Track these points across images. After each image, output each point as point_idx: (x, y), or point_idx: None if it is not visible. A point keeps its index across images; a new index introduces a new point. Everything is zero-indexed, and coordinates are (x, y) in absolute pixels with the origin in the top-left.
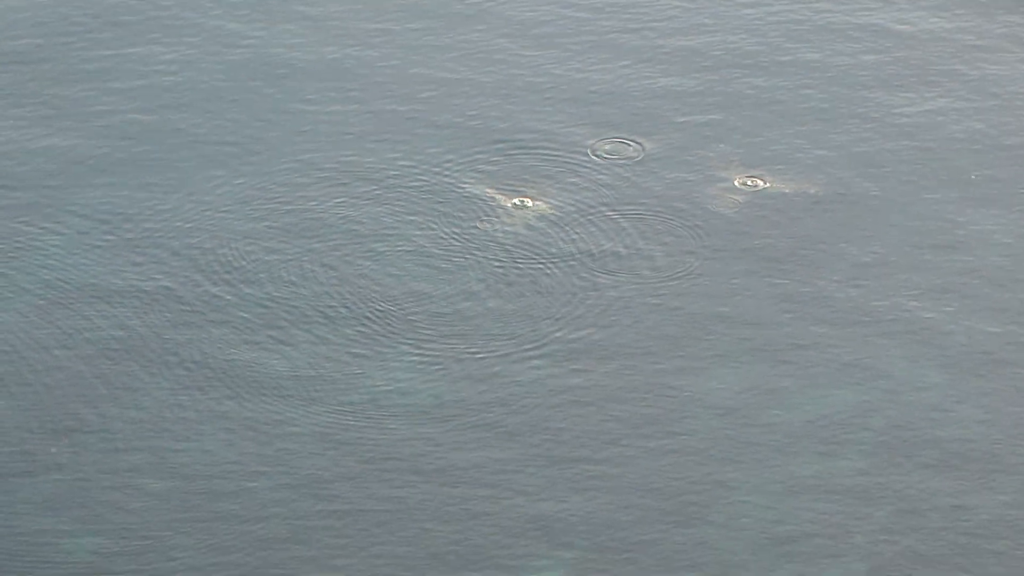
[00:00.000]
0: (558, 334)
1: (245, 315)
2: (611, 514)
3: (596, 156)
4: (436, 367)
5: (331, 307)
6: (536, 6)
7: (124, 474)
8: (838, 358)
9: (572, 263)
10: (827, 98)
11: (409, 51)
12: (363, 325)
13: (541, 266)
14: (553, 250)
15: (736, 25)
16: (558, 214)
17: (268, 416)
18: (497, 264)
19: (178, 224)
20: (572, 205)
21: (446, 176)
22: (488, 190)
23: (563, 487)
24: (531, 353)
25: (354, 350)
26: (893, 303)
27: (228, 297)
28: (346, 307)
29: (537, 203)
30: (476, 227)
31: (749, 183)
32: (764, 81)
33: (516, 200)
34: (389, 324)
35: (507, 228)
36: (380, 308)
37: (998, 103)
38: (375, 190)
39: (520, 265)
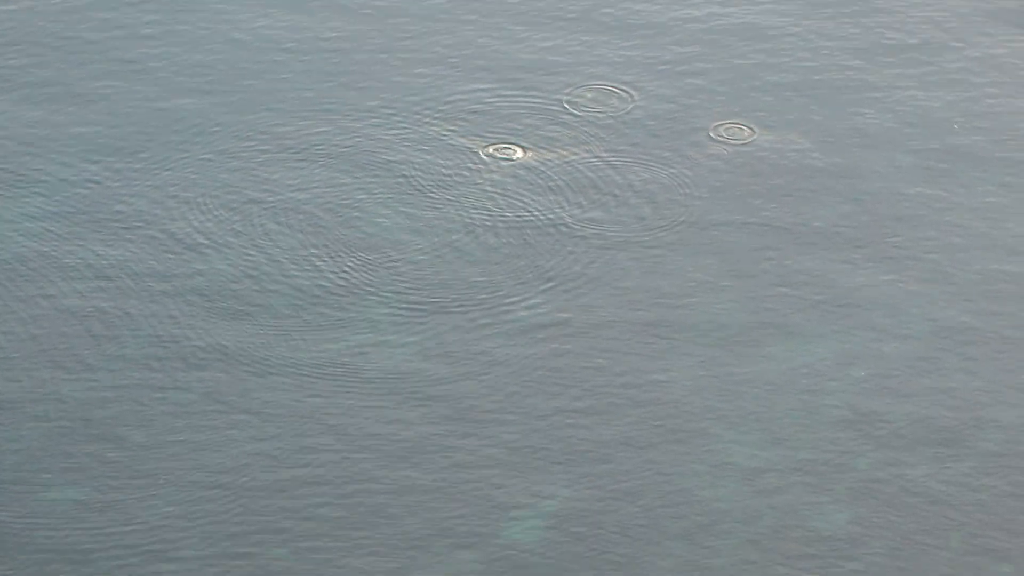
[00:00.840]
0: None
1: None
2: (593, 466)
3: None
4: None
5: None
6: None
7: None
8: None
9: (558, 217)
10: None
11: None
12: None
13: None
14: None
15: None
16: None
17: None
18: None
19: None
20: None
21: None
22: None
23: (545, 437)
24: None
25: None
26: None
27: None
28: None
29: (525, 152)
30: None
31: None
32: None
33: (493, 150)
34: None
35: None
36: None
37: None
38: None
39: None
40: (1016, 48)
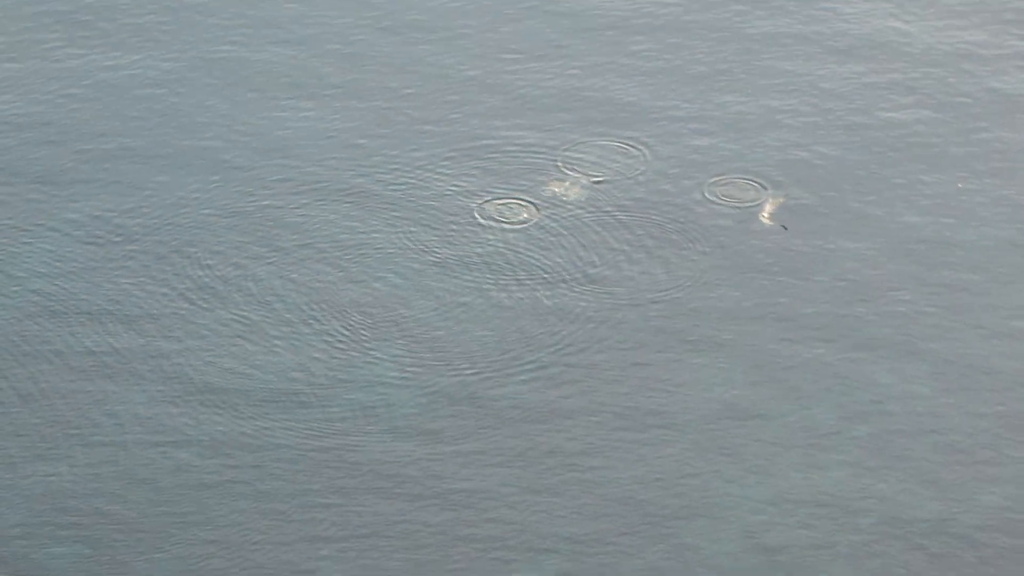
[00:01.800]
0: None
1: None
2: (595, 523)
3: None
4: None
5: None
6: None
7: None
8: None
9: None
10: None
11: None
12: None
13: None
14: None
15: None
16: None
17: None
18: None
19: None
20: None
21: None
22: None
23: (547, 494)
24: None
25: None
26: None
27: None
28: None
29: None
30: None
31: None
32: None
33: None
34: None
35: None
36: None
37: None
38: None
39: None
40: None
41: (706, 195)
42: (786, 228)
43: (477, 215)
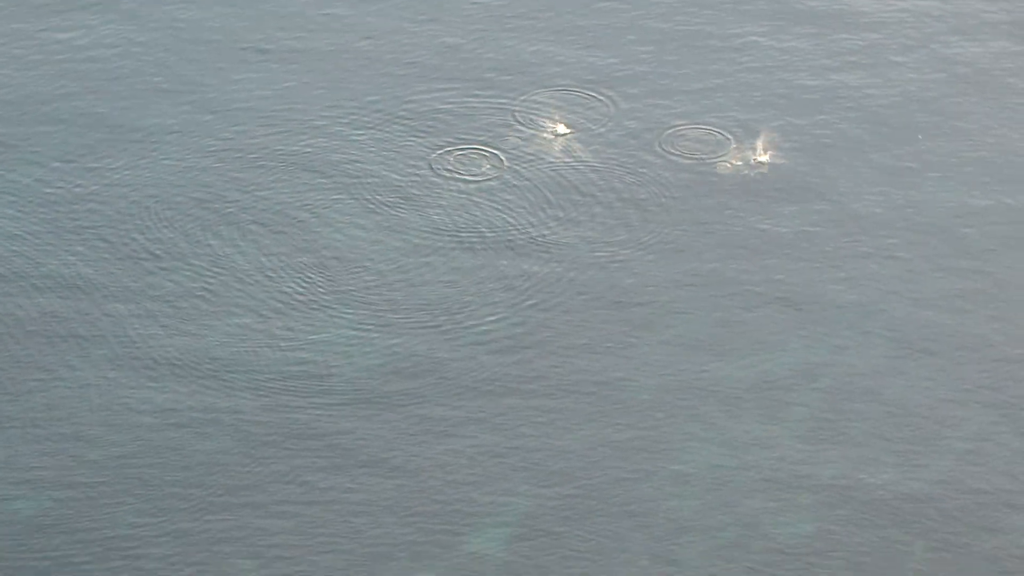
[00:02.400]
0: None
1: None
2: (549, 488)
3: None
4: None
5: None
6: None
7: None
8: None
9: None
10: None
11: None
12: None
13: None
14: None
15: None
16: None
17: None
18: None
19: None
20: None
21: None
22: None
23: (507, 446)
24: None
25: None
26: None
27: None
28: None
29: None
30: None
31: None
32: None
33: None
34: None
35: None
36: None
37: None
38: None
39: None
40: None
41: (661, 147)
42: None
43: (432, 167)
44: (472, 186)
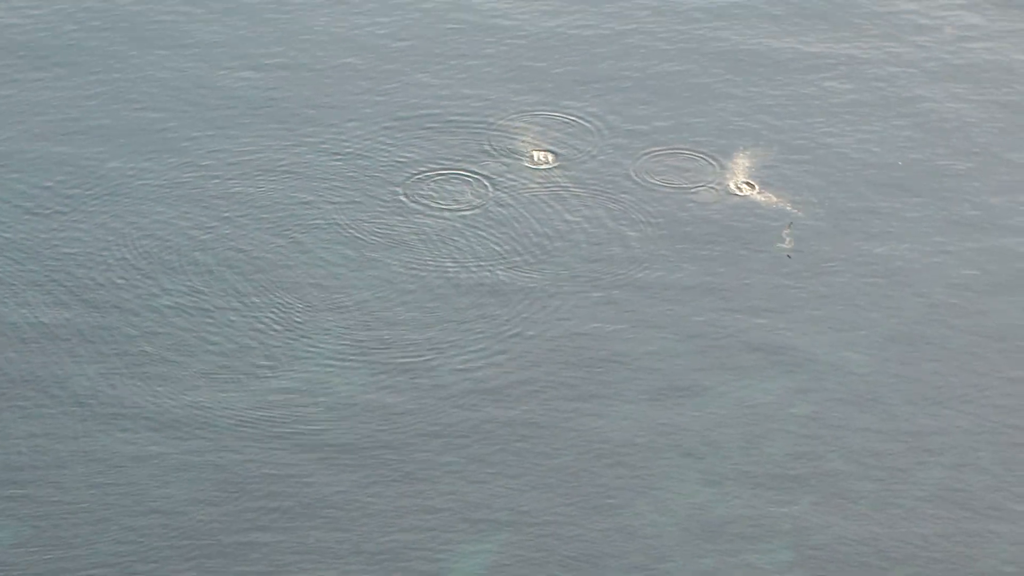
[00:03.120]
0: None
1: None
2: (538, 498)
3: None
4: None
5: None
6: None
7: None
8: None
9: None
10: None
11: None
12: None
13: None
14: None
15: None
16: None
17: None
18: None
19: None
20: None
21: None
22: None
23: (487, 476)
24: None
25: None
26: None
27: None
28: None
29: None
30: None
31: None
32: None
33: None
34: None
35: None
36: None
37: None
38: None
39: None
40: None
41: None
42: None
43: (404, 197)
44: (451, 216)
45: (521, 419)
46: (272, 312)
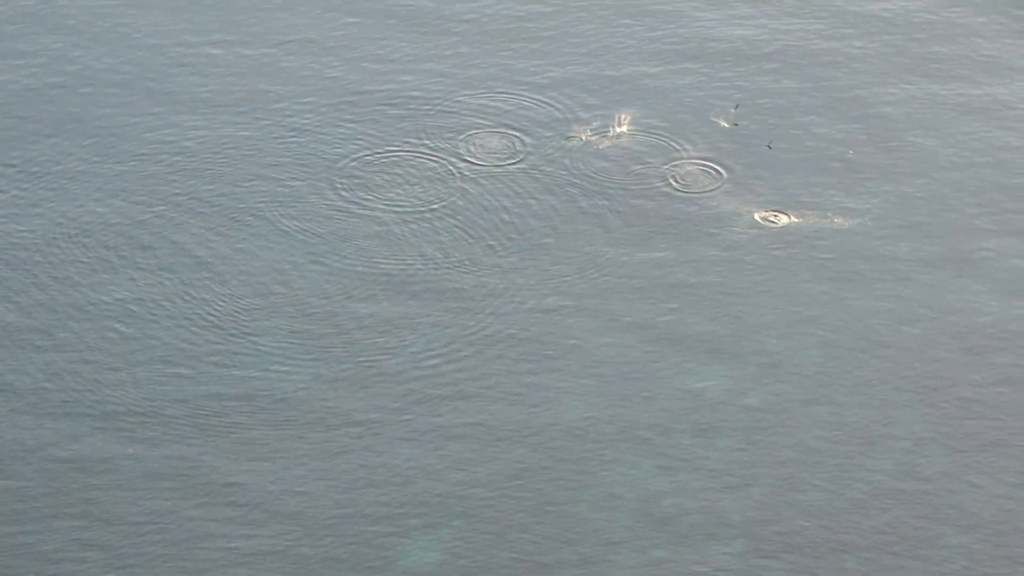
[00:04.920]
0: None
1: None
2: (488, 495)
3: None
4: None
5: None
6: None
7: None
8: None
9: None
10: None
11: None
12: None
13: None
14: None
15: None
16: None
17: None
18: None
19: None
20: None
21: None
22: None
23: (441, 466)
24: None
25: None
26: None
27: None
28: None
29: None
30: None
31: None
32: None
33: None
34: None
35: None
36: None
37: None
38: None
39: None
40: None
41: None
42: (770, 147)
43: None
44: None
45: (472, 410)
46: (213, 307)
